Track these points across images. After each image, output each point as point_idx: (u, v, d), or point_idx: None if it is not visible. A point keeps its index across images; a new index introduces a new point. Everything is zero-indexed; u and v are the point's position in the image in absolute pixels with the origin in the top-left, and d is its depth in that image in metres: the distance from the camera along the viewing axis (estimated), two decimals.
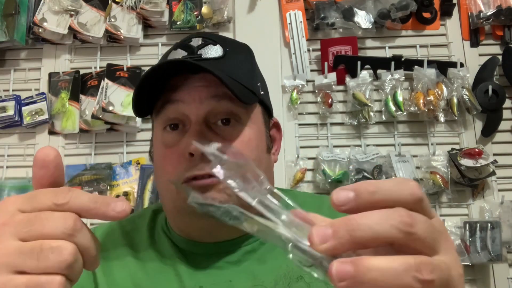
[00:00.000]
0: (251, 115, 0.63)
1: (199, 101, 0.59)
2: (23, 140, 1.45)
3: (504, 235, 1.28)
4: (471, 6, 1.48)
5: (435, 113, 1.38)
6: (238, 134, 0.61)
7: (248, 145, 0.61)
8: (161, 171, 0.63)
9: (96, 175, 1.38)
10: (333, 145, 1.40)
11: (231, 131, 0.61)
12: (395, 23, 1.46)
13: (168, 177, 0.60)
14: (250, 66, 0.68)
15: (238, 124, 0.61)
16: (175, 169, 0.59)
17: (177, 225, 0.65)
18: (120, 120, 1.39)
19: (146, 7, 1.44)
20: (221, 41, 0.65)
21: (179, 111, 0.60)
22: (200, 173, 0.57)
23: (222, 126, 0.61)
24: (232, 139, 0.60)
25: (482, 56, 1.46)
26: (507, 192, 1.37)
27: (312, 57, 1.48)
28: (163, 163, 0.62)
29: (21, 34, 1.45)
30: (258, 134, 0.64)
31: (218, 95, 0.59)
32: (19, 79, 1.49)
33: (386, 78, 1.40)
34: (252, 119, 0.63)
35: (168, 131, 0.62)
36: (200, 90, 0.60)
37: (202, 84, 0.60)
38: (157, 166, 0.64)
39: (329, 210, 0.69)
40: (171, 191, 0.60)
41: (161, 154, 0.63)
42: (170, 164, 0.60)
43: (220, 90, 0.59)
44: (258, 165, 0.62)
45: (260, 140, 0.64)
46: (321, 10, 1.45)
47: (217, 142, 0.59)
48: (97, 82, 1.44)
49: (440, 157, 1.36)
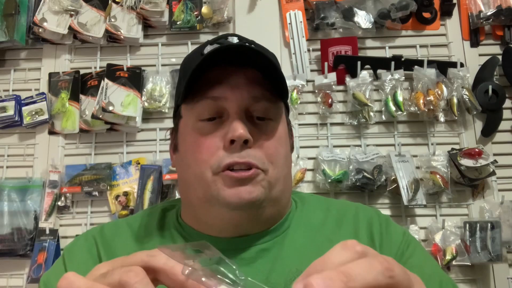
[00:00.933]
0: (281, 113, 0.66)
1: (241, 99, 0.61)
2: (23, 140, 1.45)
3: (504, 235, 1.28)
4: (471, 6, 1.48)
5: (435, 113, 1.38)
6: (273, 129, 0.63)
7: (280, 141, 0.63)
8: (193, 159, 0.62)
9: (96, 175, 1.38)
10: (333, 145, 1.40)
11: (266, 126, 0.63)
12: (395, 23, 1.46)
13: (202, 164, 0.60)
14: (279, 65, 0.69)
15: (271, 121, 0.63)
16: (211, 156, 0.59)
17: (199, 216, 0.64)
18: (120, 120, 1.39)
19: (146, 7, 1.44)
20: (254, 43, 0.67)
21: (220, 106, 0.61)
22: (240, 160, 0.58)
23: (258, 121, 0.62)
24: (268, 133, 0.62)
25: (482, 56, 1.46)
26: (507, 192, 1.37)
27: (312, 57, 1.48)
28: (198, 151, 0.61)
29: (21, 34, 1.45)
30: (286, 132, 0.67)
31: (257, 96, 0.61)
32: (19, 79, 1.49)
33: (386, 78, 1.40)
34: (282, 117, 0.66)
35: (204, 121, 0.62)
36: (242, 89, 0.61)
37: (243, 81, 0.61)
38: (189, 154, 0.63)
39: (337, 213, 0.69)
40: (205, 179, 0.60)
41: (195, 142, 0.62)
42: (207, 151, 0.60)
43: (259, 91, 0.61)
44: (285, 161, 0.64)
45: (287, 138, 0.67)
46: (321, 10, 1.45)
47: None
48: (97, 82, 1.44)
49: (440, 157, 1.36)
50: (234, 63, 0.61)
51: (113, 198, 1.37)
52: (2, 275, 1.34)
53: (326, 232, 0.66)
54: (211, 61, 0.60)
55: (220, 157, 0.59)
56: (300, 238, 0.65)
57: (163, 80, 1.44)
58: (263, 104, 0.62)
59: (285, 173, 0.64)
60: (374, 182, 1.32)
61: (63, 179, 1.38)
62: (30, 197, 1.37)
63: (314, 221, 0.68)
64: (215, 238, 0.63)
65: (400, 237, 0.67)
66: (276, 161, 0.61)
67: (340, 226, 0.67)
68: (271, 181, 0.60)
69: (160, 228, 0.68)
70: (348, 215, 0.69)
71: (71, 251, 0.66)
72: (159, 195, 1.36)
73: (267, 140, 0.61)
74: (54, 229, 1.34)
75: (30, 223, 1.34)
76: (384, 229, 0.67)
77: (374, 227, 0.67)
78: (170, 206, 0.72)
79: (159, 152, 1.42)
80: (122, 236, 0.67)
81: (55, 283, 0.67)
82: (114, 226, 0.69)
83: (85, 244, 0.66)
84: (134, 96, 1.40)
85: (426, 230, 1.34)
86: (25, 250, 1.31)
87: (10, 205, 1.36)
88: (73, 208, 1.39)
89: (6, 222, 1.34)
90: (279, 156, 0.62)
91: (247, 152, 0.59)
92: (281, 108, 0.66)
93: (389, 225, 0.68)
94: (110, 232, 0.68)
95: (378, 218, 0.69)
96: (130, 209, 1.36)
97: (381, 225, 0.67)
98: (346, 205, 0.72)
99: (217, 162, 0.59)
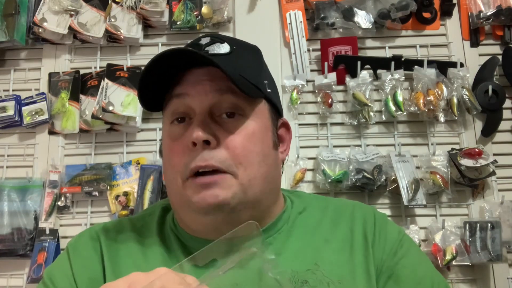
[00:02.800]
0: (256, 109, 0.64)
1: (204, 93, 0.60)
2: (23, 140, 1.45)
3: (504, 235, 1.28)
4: (471, 6, 1.48)
5: (435, 113, 1.38)
6: (241, 126, 0.61)
7: (252, 138, 0.61)
8: (168, 165, 0.63)
9: (96, 175, 1.37)
10: (333, 145, 1.40)
11: (235, 123, 0.61)
12: (395, 23, 1.46)
13: (174, 170, 0.61)
14: (256, 64, 0.69)
15: (242, 117, 0.62)
16: (180, 161, 0.60)
17: (183, 220, 0.65)
18: (120, 120, 1.39)
19: (146, 7, 1.44)
20: (229, 40, 0.66)
21: (184, 104, 0.61)
22: (202, 163, 0.58)
23: (226, 119, 0.61)
24: (235, 131, 0.60)
25: (482, 56, 1.46)
26: (507, 192, 1.37)
27: (312, 57, 1.48)
28: (170, 156, 0.62)
29: (21, 34, 1.45)
30: (263, 129, 0.64)
31: (222, 89, 0.60)
32: (19, 79, 1.49)
33: (386, 78, 1.40)
34: (257, 113, 0.64)
35: (175, 124, 0.63)
36: (204, 84, 0.61)
37: (207, 78, 0.61)
38: (165, 160, 0.64)
39: (334, 212, 0.69)
40: (177, 185, 0.60)
41: (168, 147, 0.63)
42: (176, 156, 0.60)
43: (224, 84, 0.60)
44: (263, 159, 0.62)
45: (265, 135, 0.64)
46: (321, 10, 1.45)
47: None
48: (97, 82, 1.44)
49: (440, 157, 1.36)
50: (196, 65, 0.62)
51: (113, 198, 1.37)
52: (2, 275, 1.34)
53: (322, 232, 0.66)
54: (174, 64, 0.60)
55: (185, 163, 0.59)
56: (295, 238, 0.65)
57: None
58: (230, 98, 0.61)
59: (262, 172, 0.61)
60: (374, 182, 1.32)
61: (63, 179, 1.38)
62: (30, 197, 1.37)
63: (311, 221, 0.68)
64: (205, 240, 0.62)
65: (395, 236, 0.67)
66: (246, 161, 0.59)
67: (336, 225, 0.67)
68: (243, 183, 0.59)
69: (159, 228, 0.68)
70: (345, 214, 0.69)
71: (75, 247, 0.67)
72: (159, 195, 1.36)
73: (234, 139, 0.60)
74: (54, 229, 1.34)
75: (30, 223, 1.34)
76: (378, 227, 0.67)
77: (368, 225, 0.67)
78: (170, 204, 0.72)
79: (159, 152, 1.42)
80: (124, 235, 0.67)
81: (59, 276, 0.67)
82: (118, 224, 0.70)
83: (89, 241, 0.67)
84: (134, 96, 1.40)
85: (426, 230, 1.33)
86: (25, 250, 1.31)
87: (10, 205, 1.36)
88: (73, 208, 1.39)
89: (6, 222, 1.34)
90: (250, 155, 0.60)
91: (210, 153, 0.58)
92: (254, 104, 0.63)
93: (385, 224, 0.68)
94: (113, 231, 0.68)
95: (374, 216, 0.69)
96: (130, 209, 1.36)
97: (375, 223, 0.67)
98: (344, 204, 0.72)
99: (184, 168, 0.59)
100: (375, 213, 0.70)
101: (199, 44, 0.65)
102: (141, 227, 0.69)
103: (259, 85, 0.64)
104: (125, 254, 0.65)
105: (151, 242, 0.66)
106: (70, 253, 0.66)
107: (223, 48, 0.64)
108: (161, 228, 0.68)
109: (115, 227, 0.69)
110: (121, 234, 0.67)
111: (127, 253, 0.65)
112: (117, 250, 0.65)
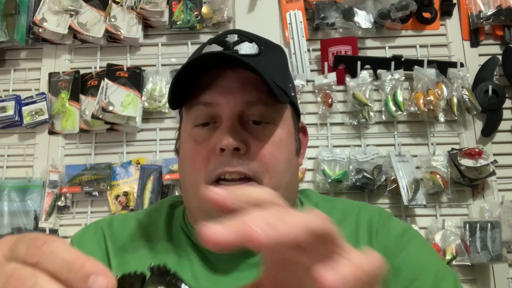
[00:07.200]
0: (283, 115, 0.63)
1: (234, 103, 0.59)
2: (23, 140, 1.45)
3: (504, 235, 1.28)
4: (471, 6, 1.48)
5: (435, 113, 1.38)
6: (269, 134, 0.60)
7: (279, 146, 0.61)
8: (189, 167, 0.61)
9: (96, 175, 1.38)
10: (333, 145, 1.40)
11: (262, 130, 0.60)
12: (395, 23, 1.46)
13: (197, 174, 0.59)
14: (283, 66, 0.67)
15: (269, 125, 0.61)
16: (205, 165, 0.58)
17: (197, 221, 0.64)
18: (120, 120, 1.39)
19: (146, 7, 1.44)
20: (256, 39, 0.64)
21: (211, 111, 0.60)
22: (231, 169, 0.57)
23: (253, 125, 0.60)
24: (263, 139, 0.59)
25: (482, 56, 1.46)
26: (507, 192, 1.37)
27: (312, 57, 1.48)
28: (193, 159, 0.60)
29: (21, 34, 1.45)
30: (288, 135, 0.63)
31: (253, 101, 0.59)
32: (19, 79, 1.49)
33: (386, 78, 1.40)
34: (284, 120, 0.63)
35: (199, 127, 0.61)
36: (234, 92, 0.59)
37: (236, 85, 0.59)
38: (185, 162, 0.63)
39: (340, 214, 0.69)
40: (198, 188, 0.59)
41: (191, 150, 0.61)
42: (201, 160, 0.59)
43: (255, 95, 0.59)
44: (288, 167, 0.61)
45: (290, 142, 0.64)
46: (321, 10, 1.45)
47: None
48: (97, 82, 1.44)
49: (440, 157, 1.36)
50: (227, 65, 0.59)
51: (113, 198, 1.37)
52: None
53: None
54: (204, 64, 0.59)
55: (211, 167, 0.58)
56: None
57: (163, 80, 1.43)
58: (259, 109, 0.59)
59: (287, 180, 0.61)
60: (374, 182, 1.32)
61: (63, 179, 1.38)
62: (30, 197, 1.37)
63: None
64: None
65: (399, 230, 0.66)
66: (273, 169, 0.59)
67: (341, 227, 0.67)
68: None
69: (167, 225, 0.68)
70: (351, 216, 0.68)
71: (80, 240, 0.67)
72: (159, 195, 1.36)
73: (263, 147, 0.59)
74: (54, 229, 1.34)
75: (30, 223, 1.34)
76: (382, 223, 0.66)
77: (373, 224, 0.66)
78: (178, 202, 0.72)
79: (159, 152, 1.42)
80: (130, 231, 0.67)
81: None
82: (123, 219, 0.69)
83: (94, 235, 0.66)
84: (134, 96, 1.40)
85: (426, 230, 1.33)
86: None
87: (10, 205, 1.36)
88: (73, 208, 1.39)
89: (6, 222, 1.34)
90: (277, 163, 0.60)
91: (239, 160, 0.57)
92: (281, 110, 0.63)
93: (389, 220, 0.67)
94: (119, 226, 0.68)
95: (379, 215, 0.68)
96: (130, 209, 1.36)
97: (379, 221, 0.67)
98: (350, 205, 0.72)
99: (209, 173, 0.58)
100: (381, 212, 0.70)
101: (226, 41, 0.62)
102: (148, 223, 0.68)
103: (286, 90, 0.62)
104: (131, 249, 0.64)
105: (159, 238, 0.65)
106: (74, 246, 0.65)
107: (252, 48, 0.61)
108: (169, 225, 0.68)
109: (121, 222, 0.68)
110: (127, 229, 0.67)
111: (134, 249, 0.64)
112: (123, 246, 0.64)
